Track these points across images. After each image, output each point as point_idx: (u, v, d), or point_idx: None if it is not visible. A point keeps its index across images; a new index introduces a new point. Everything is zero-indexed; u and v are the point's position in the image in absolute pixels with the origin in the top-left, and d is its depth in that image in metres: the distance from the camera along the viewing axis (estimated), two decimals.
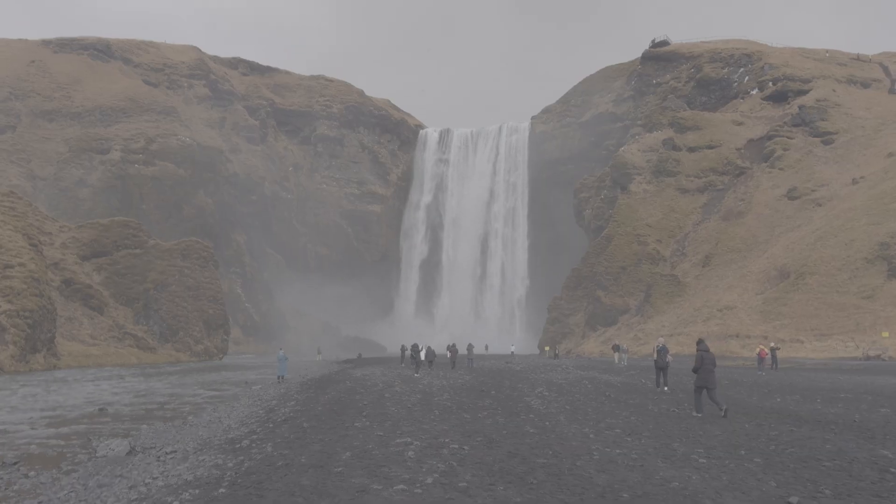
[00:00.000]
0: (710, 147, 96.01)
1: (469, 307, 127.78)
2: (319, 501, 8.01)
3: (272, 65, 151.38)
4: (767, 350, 36.52)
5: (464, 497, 8.07)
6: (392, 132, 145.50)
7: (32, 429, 17.05)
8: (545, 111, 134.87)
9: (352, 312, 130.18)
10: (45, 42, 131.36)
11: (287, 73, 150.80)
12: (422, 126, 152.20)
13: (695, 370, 15.67)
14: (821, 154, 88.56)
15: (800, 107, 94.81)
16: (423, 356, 39.77)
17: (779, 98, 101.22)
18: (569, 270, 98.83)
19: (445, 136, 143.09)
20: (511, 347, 75.64)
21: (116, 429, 17.08)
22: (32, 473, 11.24)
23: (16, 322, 49.15)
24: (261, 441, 12.72)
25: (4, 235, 56.85)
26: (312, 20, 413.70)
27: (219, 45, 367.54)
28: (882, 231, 63.33)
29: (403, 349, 49.96)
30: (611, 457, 10.39)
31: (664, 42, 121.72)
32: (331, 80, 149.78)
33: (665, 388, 23.00)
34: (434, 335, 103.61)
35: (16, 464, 12.06)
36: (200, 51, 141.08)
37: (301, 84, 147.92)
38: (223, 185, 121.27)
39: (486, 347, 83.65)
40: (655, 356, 23.29)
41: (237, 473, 9.69)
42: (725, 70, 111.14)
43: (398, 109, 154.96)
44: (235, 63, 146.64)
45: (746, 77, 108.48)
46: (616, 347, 50.68)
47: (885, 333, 49.27)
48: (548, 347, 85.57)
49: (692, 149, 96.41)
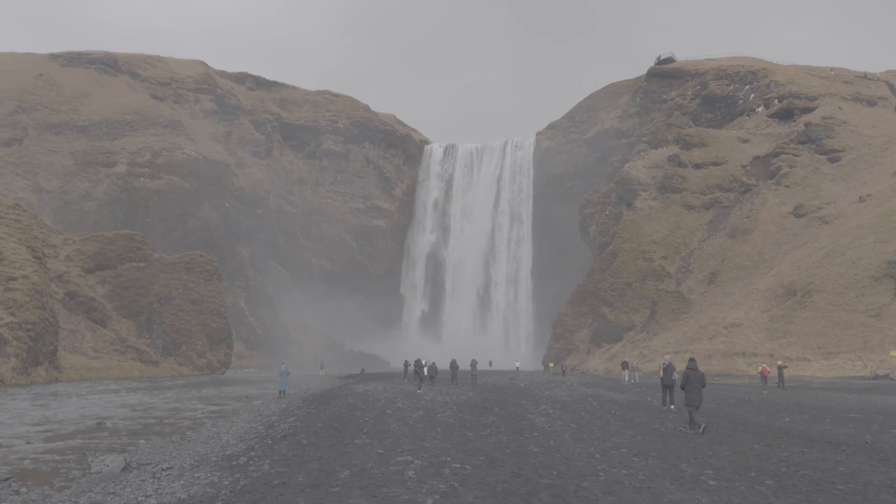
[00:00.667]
0: (716, 164, 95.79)
1: (473, 322, 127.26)
2: None
3: (278, 80, 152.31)
4: (770, 368, 36.20)
5: None
6: (397, 147, 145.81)
7: (28, 443, 16.79)
8: (550, 127, 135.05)
9: (355, 327, 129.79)
10: (53, 56, 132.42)
11: (293, 88, 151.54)
12: (427, 141, 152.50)
13: (682, 387, 16.41)
14: (827, 172, 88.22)
15: (806, 124, 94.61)
16: (427, 372, 39.41)
17: (785, 115, 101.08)
18: (574, 286, 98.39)
19: (450, 152, 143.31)
20: (516, 363, 75.09)
21: (113, 444, 16.81)
22: (24, 490, 10.97)
23: (18, 334, 48.98)
24: (258, 458, 12.44)
25: (8, 248, 56.86)
26: (318, 37, 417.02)
27: (225, 61, 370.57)
28: (889, 249, 62.85)
29: (407, 365, 49.61)
30: (617, 478, 10.08)
31: (670, 59, 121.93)
32: (337, 95, 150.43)
33: (672, 407, 22.63)
34: (438, 351, 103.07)
35: (7, 479, 11.79)
36: (207, 65, 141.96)
37: (307, 99, 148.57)
38: (228, 199, 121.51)
39: (490, 363, 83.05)
40: (662, 374, 22.94)
41: (232, 492, 9.41)
42: (731, 87, 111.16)
43: (403, 124, 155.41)
44: (242, 78, 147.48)
45: (752, 94, 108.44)
46: (625, 364, 50.20)
47: (894, 352, 48.70)
48: (552, 364, 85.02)
49: (698, 165, 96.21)
